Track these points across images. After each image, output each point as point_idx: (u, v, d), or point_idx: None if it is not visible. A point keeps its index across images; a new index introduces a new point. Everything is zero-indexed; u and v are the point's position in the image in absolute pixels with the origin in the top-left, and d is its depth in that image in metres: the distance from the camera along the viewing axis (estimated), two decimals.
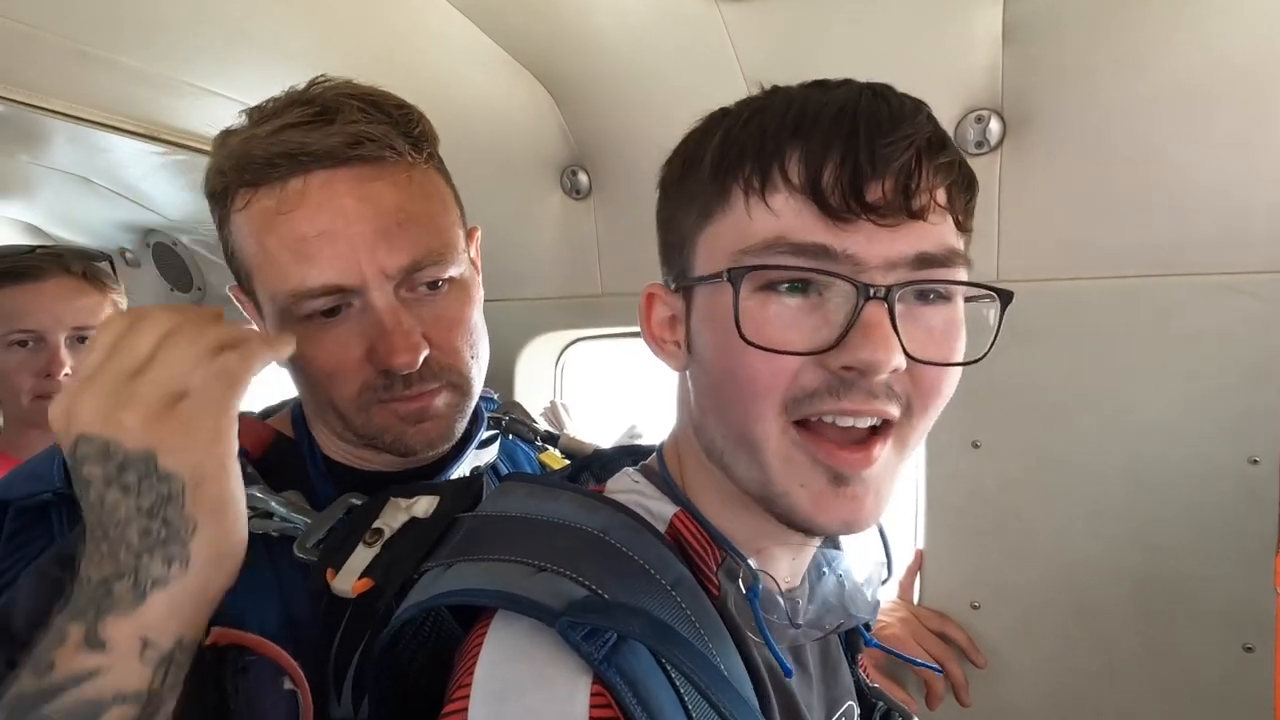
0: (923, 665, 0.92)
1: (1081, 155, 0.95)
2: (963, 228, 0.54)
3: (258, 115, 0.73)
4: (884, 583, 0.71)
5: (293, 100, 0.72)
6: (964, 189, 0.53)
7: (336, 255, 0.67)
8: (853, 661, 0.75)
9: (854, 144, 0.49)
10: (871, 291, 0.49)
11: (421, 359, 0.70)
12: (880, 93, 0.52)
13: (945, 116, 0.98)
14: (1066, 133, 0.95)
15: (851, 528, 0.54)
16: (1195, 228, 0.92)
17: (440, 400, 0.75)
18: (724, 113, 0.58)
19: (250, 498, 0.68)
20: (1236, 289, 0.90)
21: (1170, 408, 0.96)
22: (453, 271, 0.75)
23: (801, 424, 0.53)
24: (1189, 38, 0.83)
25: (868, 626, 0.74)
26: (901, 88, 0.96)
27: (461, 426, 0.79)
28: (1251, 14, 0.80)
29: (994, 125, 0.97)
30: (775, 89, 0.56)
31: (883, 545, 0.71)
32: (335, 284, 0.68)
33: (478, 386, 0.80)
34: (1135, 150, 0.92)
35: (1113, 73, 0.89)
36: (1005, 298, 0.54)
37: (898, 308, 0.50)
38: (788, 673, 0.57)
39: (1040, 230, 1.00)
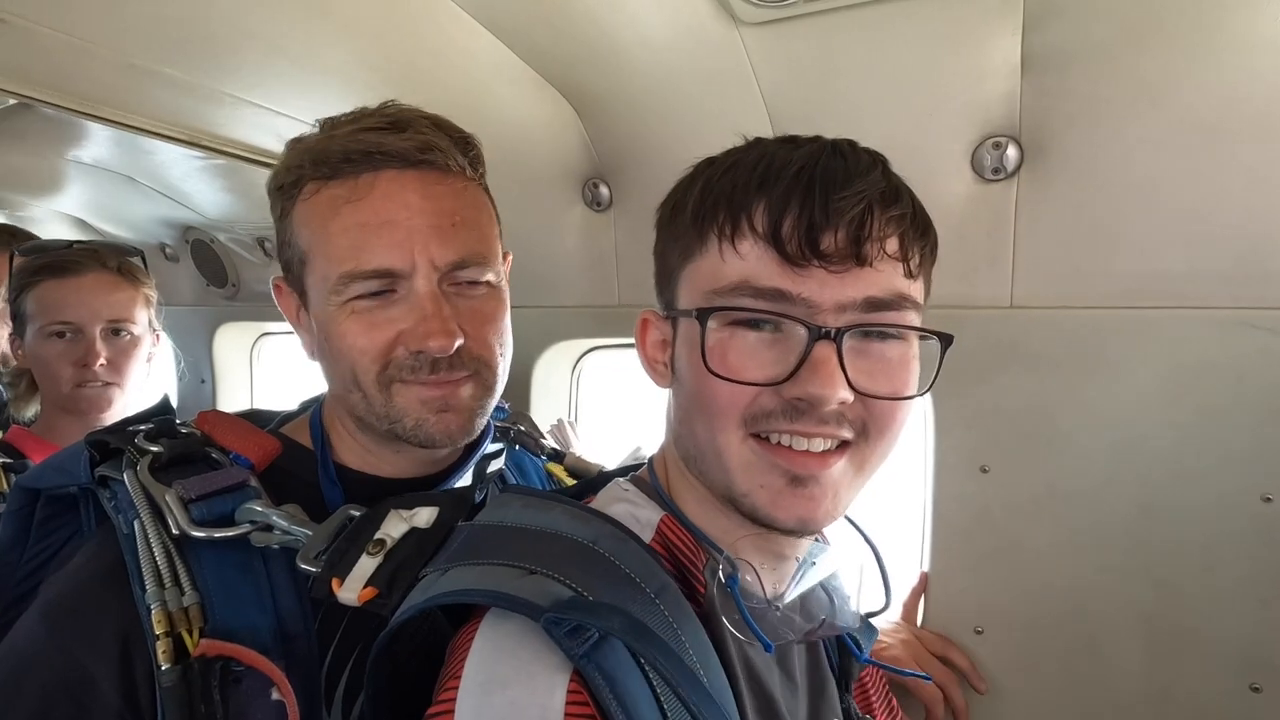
0: (911, 675, 0.93)
1: (1098, 184, 0.95)
2: (914, 275, 0.59)
3: (330, 124, 0.80)
4: (882, 611, 0.73)
5: (366, 113, 0.79)
6: (918, 237, 0.59)
7: (394, 243, 0.74)
8: (845, 689, 0.77)
9: (810, 198, 0.55)
10: (822, 332, 0.55)
11: (456, 346, 0.75)
12: (841, 150, 0.59)
13: (962, 141, 0.99)
14: (1084, 161, 0.95)
15: (807, 525, 0.59)
16: (1211, 260, 0.91)
17: (465, 391, 0.79)
18: (709, 162, 0.64)
19: (250, 512, 0.71)
20: (1252, 324, 0.90)
21: (1182, 441, 0.95)
22: (490, 277, 0.81)
23: (762, 439, 0.59)
24: (1207, 71, 0.83)
25: (860, 647, 0.75)
26: (919, 112, 0.98)
27: (482, 423, 0.82)
28: (1270, 49, 0.80)
29: (1011, 152, 0.97)
30: (755, 141, 0.63)
31: (881, 574, 0.73)
32: (388, 267, 0.74)
33: (501, 385, 0.83)
34: (1152, 181, 0.92)
35: (1131, 104, 0.89)
36: (945, 340, 0.61)
37: (849, 344, 0.56)
38: (767, 647, 0.60)
39: (1055, 257, 1.00)
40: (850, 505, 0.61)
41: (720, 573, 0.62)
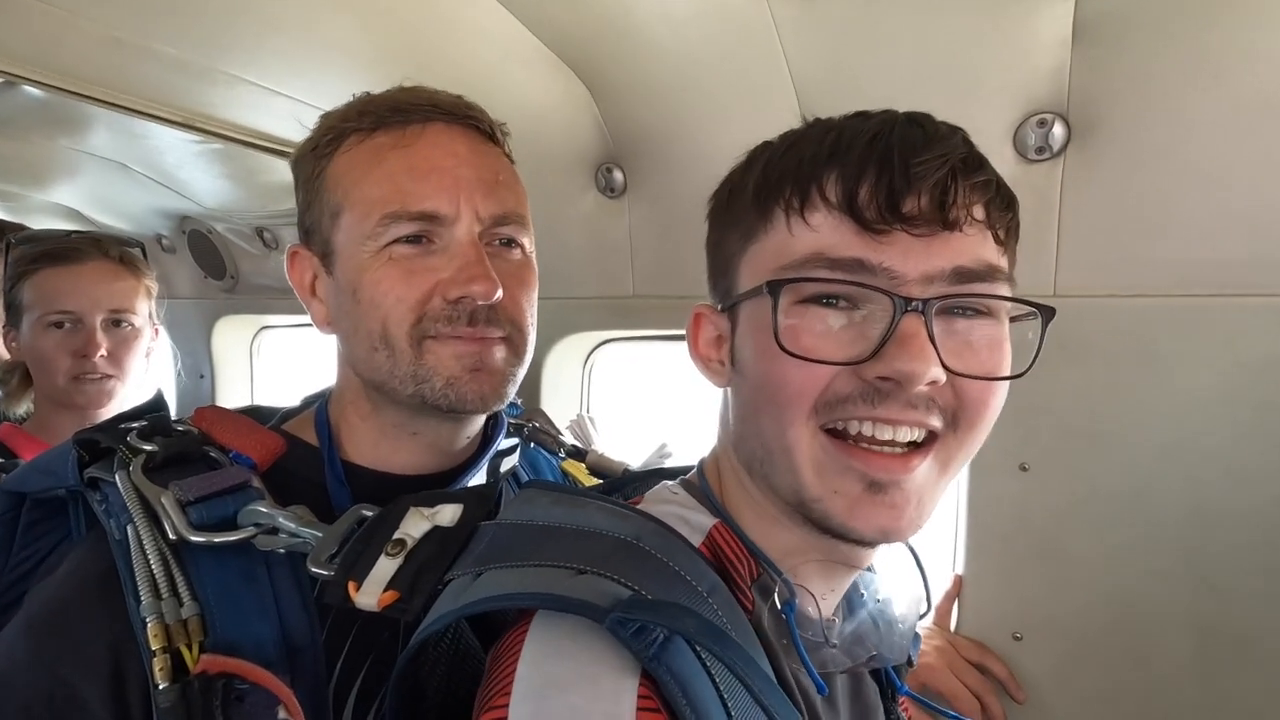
0: (954, 716, 0.88)
1: (1151, 164, 0.89)
2: (1003, 244, 0.54)
3: (366, 94, 0.79)
4: (923, 617, 0.70)
5: (403, 87, 0.80)
6: (1003, 208, 0.54)
7: (441, 188, 0.73)
8: (892, 699, 0.72)
9: (889, 163, 0.51)
10: (909, 304, 0.50)
11: (497, 296, 0.73)
12: (916, 120, 0.54)
13: (1005, 119, 0.93)
14: (1135, 140, 0.89)
15: (889, 536, 0.55)
16: (1271, 246, 0.85)
17: (499, 352, 0.76)
18: (766, 145, 0.60)
19: (254, 514, 0.67)
20: None
21: (1238, 439, 0.89)
22: (526, 241, 0.81)
23: (837, 435, 0.54)
24: (1274, 46, 0.77)
25: (910, 664, 0.71)
26: (958, 88, 0.93)
27: (512, 391, 0.80)
28: None
29: (1057, 130, 0.92)
30: (816, 121, 0.59)
31: (921, 579, 0.69)
32: (433, 211, 0.73)
33: (529, 356, 0.81)
34: (1209, 161, 0.86)
35: (1189, 79, 0.83)
36: (1047, 314, 0.55)
37: (939, 322, 0.51)
38: (821, 689, 0.56)
39: (1103, 243, 0.94)
40: (934, 511, 0.55)
41: (776, 596, 0.57)
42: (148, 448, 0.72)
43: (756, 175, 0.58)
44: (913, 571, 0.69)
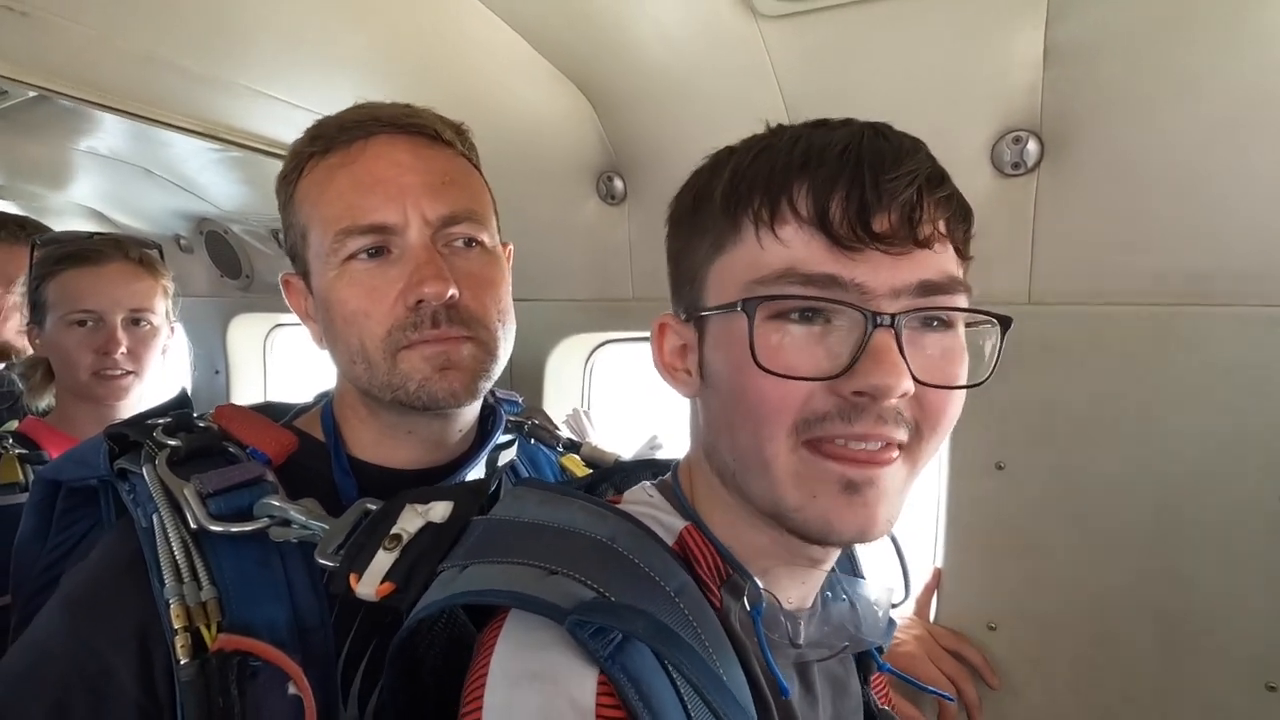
0: (935, 693, 0.92)
1: (1121, 179, 0.93)
2: (962, 255, 0.56)
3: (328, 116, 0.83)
4: (900, 604, 0.72)
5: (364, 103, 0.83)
6: (962, 219, 0.56)
7: (387, 198, 0.76)
8: (864, 682, 0.76)
9: (859, 178, 0.52)
10: (879, 319, 0.52)
11: (450, 293, 0.76)
12: (881, 132, 0.55)
13: (981, 136, 0.98)
14: (1106, 156, 0.93)
15: (865, 536, 0.56)
16: (1236, 257, 0.90)
17: (465, 350, 0.79)
18: (730, 150, 0.60)
19: (268, 507, 0.72)
20: (1277, 321, 0.88)
21: (1203, 440, 0.94)
22: (484, 238, 0.82)
23: (811, 443, 0.55)
24: (1240, 65, 0.81)
25: (881, 650, 0.74)
26: (938, 106, 0.97)
27: (485, 386, 0.83)
28: None
29: (1031, 146, 0.96)
30: (780, 127, 0.59)
31: (901, 567, 0.72)
32: (381, 222, 0.76)
33: (504, 351, 0.83)
34: (1177, 176, 0.90)
35: (1158, 97, 0.87)
36: (1004, 323, 0.57)
37: (905, 333, 0.52)
38: (784, 693, 0.58)
39: (1075, 253, 0.99)
40: (903, 509, 0.57)
41: (746, 598, 0.60)
42: (172, 443, 0.77)
43: (724, 183, 0.57)
44: (893, 561, 0.72)
